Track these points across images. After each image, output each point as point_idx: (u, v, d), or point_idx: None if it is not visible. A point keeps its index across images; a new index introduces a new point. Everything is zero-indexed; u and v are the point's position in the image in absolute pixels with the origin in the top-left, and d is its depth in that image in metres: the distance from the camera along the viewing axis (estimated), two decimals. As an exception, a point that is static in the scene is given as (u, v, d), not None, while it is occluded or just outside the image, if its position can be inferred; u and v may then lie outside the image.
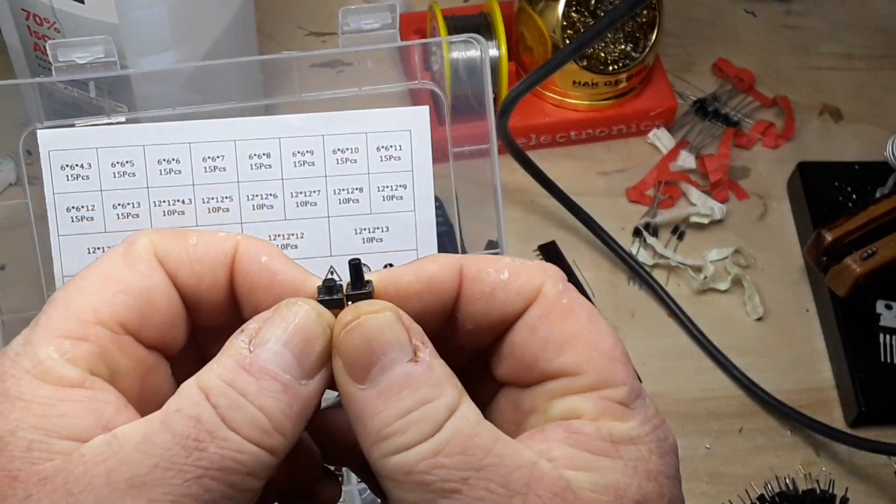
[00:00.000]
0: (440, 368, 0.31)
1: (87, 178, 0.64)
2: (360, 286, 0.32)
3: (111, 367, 0.31)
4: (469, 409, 0.31)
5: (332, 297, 0.32)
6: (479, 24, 0.78)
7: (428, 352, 0.31)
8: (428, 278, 0.33)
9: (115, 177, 0.64)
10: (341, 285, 0.32)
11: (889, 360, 0.72)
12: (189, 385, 0.30)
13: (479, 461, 0.29)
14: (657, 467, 0.31)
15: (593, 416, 0.32)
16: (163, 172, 0.64)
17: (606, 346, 0.32)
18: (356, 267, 0.32)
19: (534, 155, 0.78)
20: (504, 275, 0.33)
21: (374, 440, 0.30)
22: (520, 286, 0.33)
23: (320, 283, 0.33)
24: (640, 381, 0.33)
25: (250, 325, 0.31)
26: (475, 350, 0.35)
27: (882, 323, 0.73)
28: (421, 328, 0.32)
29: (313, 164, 0.66)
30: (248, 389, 0.30)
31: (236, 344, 0.31)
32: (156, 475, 0.28)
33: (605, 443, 0.31)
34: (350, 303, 0.32)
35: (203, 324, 0.35)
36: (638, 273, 0.77)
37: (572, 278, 0.77)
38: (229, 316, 0.34)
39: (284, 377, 0.30)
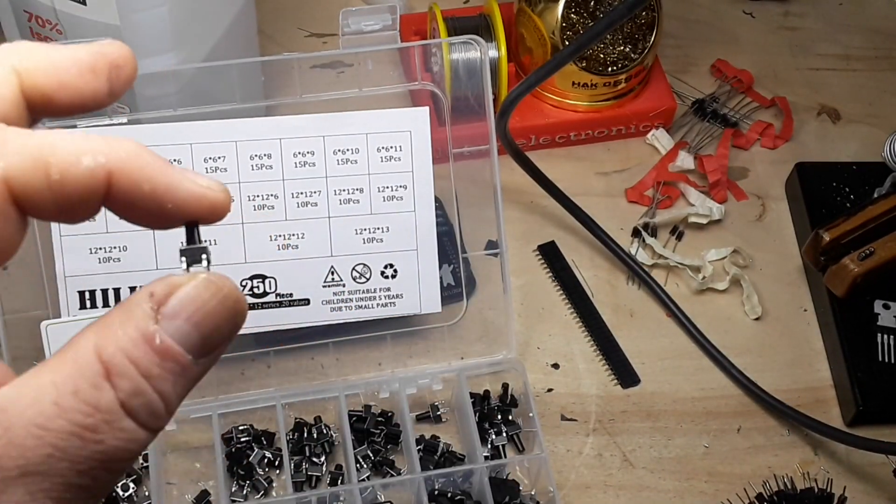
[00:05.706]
0: None
1: (89, 178, 0.64)
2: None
3: None
4: None
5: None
6: (478, 26, 0.79)
7: None
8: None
9: (116, 177, 0.64)
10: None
11: (887, 360, 0.72)
12: (86, 351, 0.28)
13: None
14: None
15: None
16: (164, 173, 0.64)
17: None
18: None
19: (533, 155, 0.78)
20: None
21: None
22: None
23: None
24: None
25: (158, 289, 0.29)
26: None
27: (880, 322, 0.74)
28: None
29: (314, 164, 0.66)
30: (151, 372, 0.28)
31: (143, 309, 0.28)
32: (50, 464, 0.27)
33: None
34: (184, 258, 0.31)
35: None
36: (637, 273, 0.77)
37: (572, 278, 0.77)
38: None
39: (186, 358, 0.28)
